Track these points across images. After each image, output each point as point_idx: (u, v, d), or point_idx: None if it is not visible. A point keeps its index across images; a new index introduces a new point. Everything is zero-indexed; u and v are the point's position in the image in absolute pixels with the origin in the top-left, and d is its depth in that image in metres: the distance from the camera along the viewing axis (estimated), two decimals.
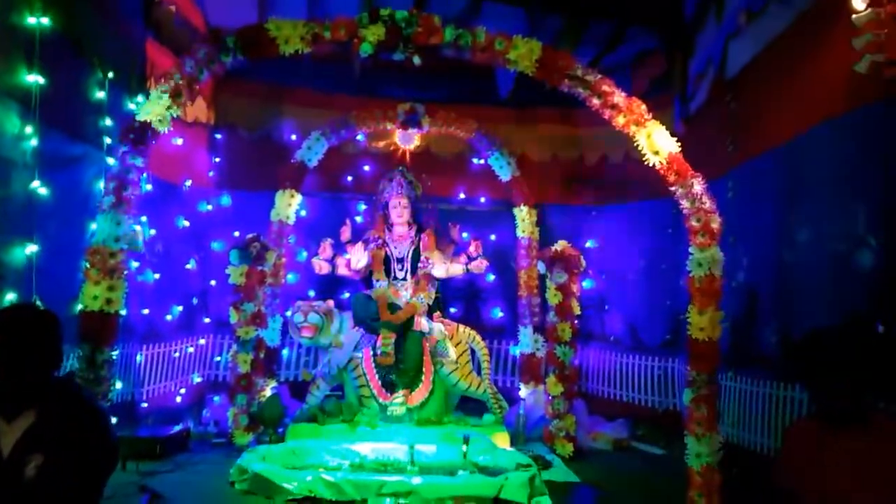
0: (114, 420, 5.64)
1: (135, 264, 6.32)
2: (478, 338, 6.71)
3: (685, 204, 4.75)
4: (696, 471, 4.61)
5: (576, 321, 6.31)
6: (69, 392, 2.72)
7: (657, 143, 4.82)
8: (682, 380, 6.70)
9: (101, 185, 5.17)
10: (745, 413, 5.45)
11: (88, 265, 4.60)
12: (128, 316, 6.19)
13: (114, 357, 4.72)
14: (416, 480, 4.70)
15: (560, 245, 6.36)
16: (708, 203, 4.69)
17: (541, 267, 6.46)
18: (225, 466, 5.17)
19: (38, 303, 4.60)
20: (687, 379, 4.70)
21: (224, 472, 5.09)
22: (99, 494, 2.90)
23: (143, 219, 6.31)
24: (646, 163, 4.88)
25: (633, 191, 7.45)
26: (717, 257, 4.66)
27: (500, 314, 7.98)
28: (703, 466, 4.58)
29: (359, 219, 7.64)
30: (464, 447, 5.15)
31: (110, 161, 5.30)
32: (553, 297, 6.30)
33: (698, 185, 4.73)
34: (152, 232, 6.57)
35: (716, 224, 4.67)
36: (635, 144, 4.91)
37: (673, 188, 4.80)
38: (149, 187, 6.46)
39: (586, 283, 7.46)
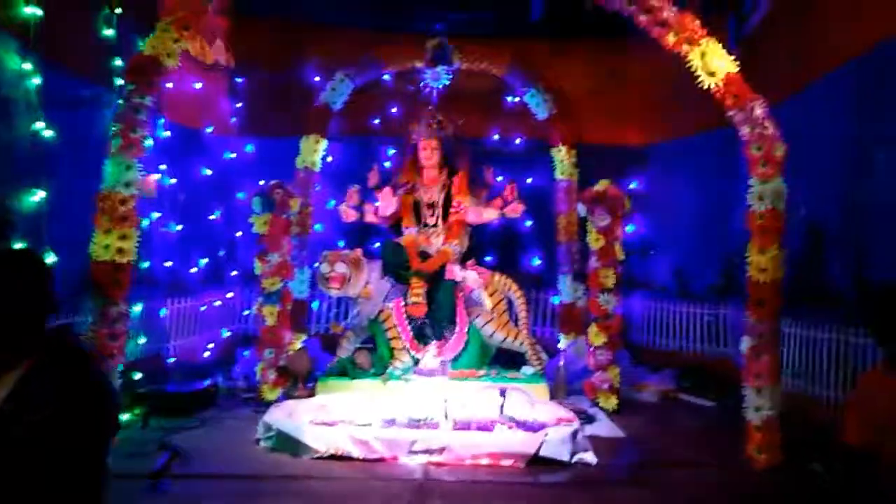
0: (138, 376, 5.49)
1: (156, 215, 6.09)
2: (514, 286, 6.33)
3: (745, 130, 4.26)
4: (755, 425, 4.22)
5: (619, 267, 5.88)
6: (64, 345, 2.46)
7: (712, 62, 4.31)
8: (733, 327, 6.27)
9: None
10: (807, 362, 5.00)
11: (98, 212, 4.32)
12: (151, 268, 6.00)
13: (130, 311, 4.48)
14: (450, 436, 4.41)
15: (602, 185, 5.90)
16: (770, 128, 4.18)
17: (581, 210, 6.01)
18: (252, 422, 4.95)
19: (50, 252, 4.38)
20: (745, 325, 4.27)
21: (251, 429, 4.88)
22: (98, 458, 2.65)
23: (163, 167, 6.06)
24: (700, 85, 4.37)
25: (681, 125, 6.89)
26: (780, 189, 4.18)
27: (538, 262, 7.58)
28: (763, 420, 4.19)
29: (387, 164, 7.27)
30: (501, 401, 4.83)
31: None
32: (595, 242, 5.87)
33: (759, 109, 4.22)
34: (173, 181, 6.31)
35: (780, 152, 4.17)
36: (686, 69, 4.40)
37: (731, 113, 4.29)
38: (167, 133, 6.18)
39: (629, 228, 6.97)
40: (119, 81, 5.20)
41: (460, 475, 4.17)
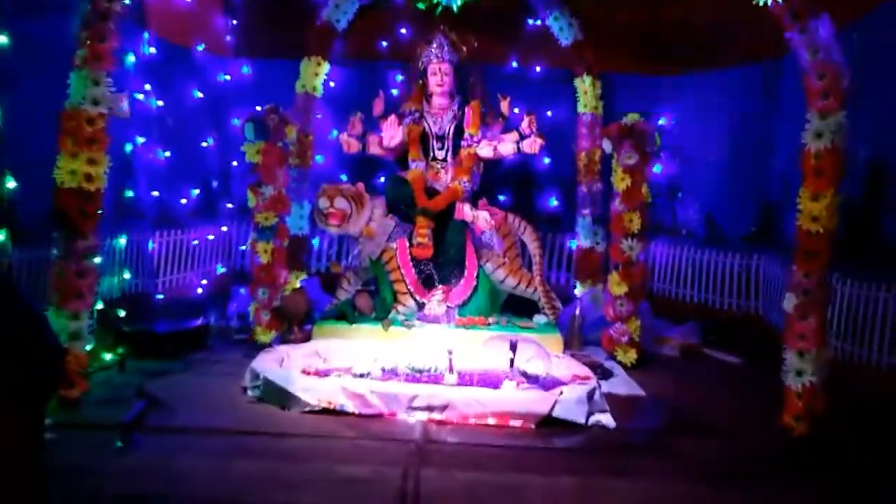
0: (122, 314, 5.09)
1: (140, 140, 5.58)
2: (529, 228, 5.83)
3: (806, 56, 3.65)
4: (796, 392, 3.76)
5: (646, 211, 5.36)
6: None
7: None
8: (766, 280, 5.78)
9: None
10: (857, 323, 4.50)
11: (63, 133, 3.82)
12: (136, 198, 5.55)
13: (102, 244, 4.04)
14: (453, 392, 4.00)
15: (630, 119, 5.32)
16: (836, 53, 3.58)
17: (606, 146, 5.45)
18: (242, 367, 4.55)
19: (9, 178, 3.89)
20: (790, 280, 3.77)
21: (240, 375, 4.49)
22: (35, 415, 2.26)
23: (147, 87, 5.52)
24: (743, 9, 3.74)
25: (718, 56, 6.23)
26: (842, 125, 3.61)
27: (556, 202, 7.05)
28: (805, 387, 3.73)
29: (395, 91, 6.66)
30: (511, 354, 4.40)
31: None
32: (620, 182, 5.33)
33: (824, 29, 3.61)
34: (159, 103, 5.78)
35: (844, 82, 3.58)
36: None
37: (789, 35, 3.68)
38: (152, 50, 5.64)
39: (656, 168, 6.40)
40: None
41: (463, 436, 3.76)
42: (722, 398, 4.71)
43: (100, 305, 4.69)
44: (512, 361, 4.42)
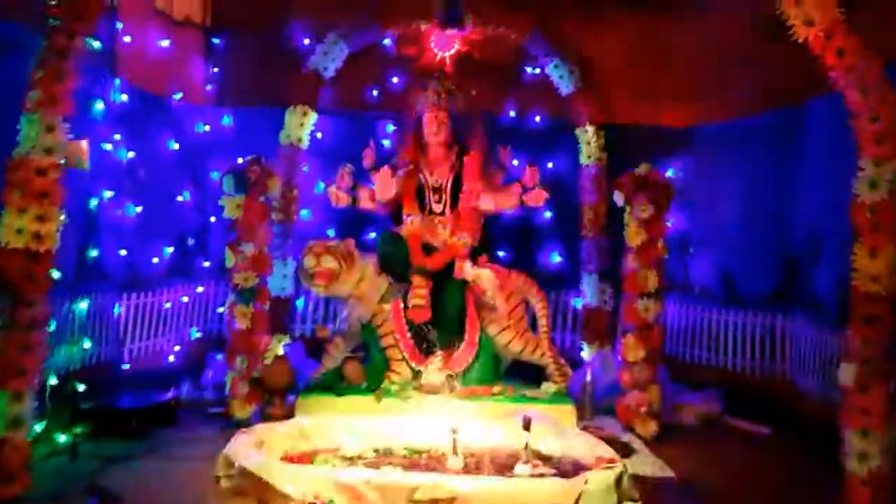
0: (80, 388, 4.49)
1: (108, 194, 5.09)
2: (534, 288, 5.35)
3: (855, 96, 3.27)
4: (861, 478, 3.25)
5: (662, 267, 4.93)
6: None
7: (812, 7, 3.31)
8: (795, 341, 5.32)
9: None
10: None
11: (8, 185, 3.32)
12: (102, 258, 5.02)
13: (51, 313, 3.50)
14: (461, 482, 3.43)
15: (644, 169, 4.94)
16: (892, 94, 3.20)
17: (618, 198, 5.04)
18: (216, 447, 3.92)
19: None
20: (848, 348, 3.30)
21: (213, 457, 3.86)
22: None
23: (117, 136, 5.06)
24: (754, 57, 3.42)
25: (731, 104, 5.90)
26: None
27: (559, 259, 6.59)
28: (871, 472, 3.22)
29: (386, 142, 6.26)
30: (525, 435, 3.85)
31: None
32: (634, 237, 4.91)
33: (876, 68, 3.24)
34: (130, 154, 5.30)
35: None
36: (740, 37, 3.42)
37: (835, 74, 3.31)
38: (123, 97, 5.18)
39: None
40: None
41: None
42: (762, 480, 4.18)
43: (54, 380, 4.14)
44: (527, 443, 3.87)
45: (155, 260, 5.72)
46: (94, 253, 4.83)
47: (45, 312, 3.38)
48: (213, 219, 6.18)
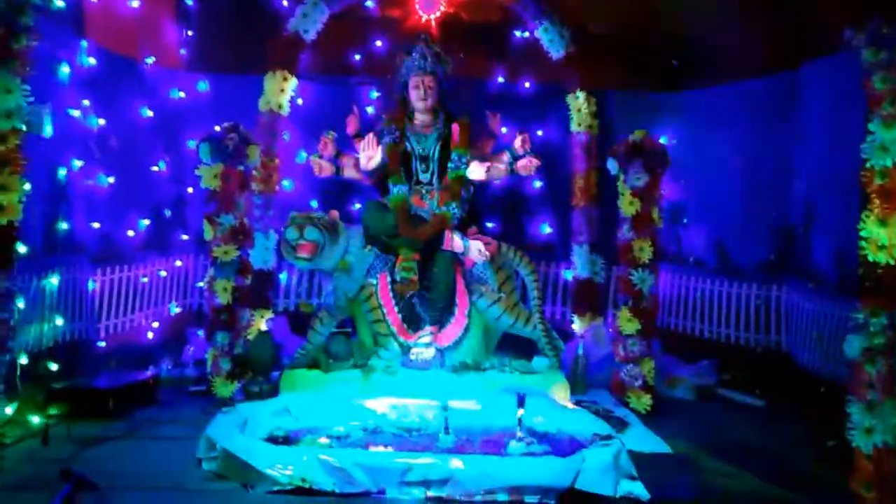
0: (54, 367, 4.29)
1: (78, 163, 4.83)
2: (525, 259, 5.19)
3: (866, 56, 3.10)
4: (865, 453, 3.15)
5: (657, 237, 4.79)
6: None
7: None
8: (788, 312, 5.22)
9: None
10: None
11: None
12: (73, 231, 4.78)
13: (15, 289, 3.29)
14: (455, 463, 3.30)
15: (639, 135, 4.76)
16: None
17: (611, 166, 4.87)
18: (197, 429, 3.79)
19: None
20: (855, 321, 3.18)
21: (194, 438, 3.72)
22: None
23: (85, 102, 4.78)
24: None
25: (726, 69, 5.73)
26: None
27: (549, 230, 6.44)
28: (877, 448, 3.12)
29: (370, 109, 6.02)
30: (519, 411, 3.72)
31: None
32: (628, 206, 4.75)
33: (886, 27, 3.07)
34: (100, 121, 5.04)
35: None
36: None
37: (847, 32, 3.14)
38: (91, 61, 4.90)
39: None
40: None
41: None
42: (760, 453, 4.09)
43: (24, 360, 3.94)
44: (520, 420, 3.75)
45: (130, 233, 5.49)
46: (64, 225, 4.60)
47: (8, 288, 3.16)
48: (190, 189, 5.94)
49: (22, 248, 3.57)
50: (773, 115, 5.37)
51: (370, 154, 4.98)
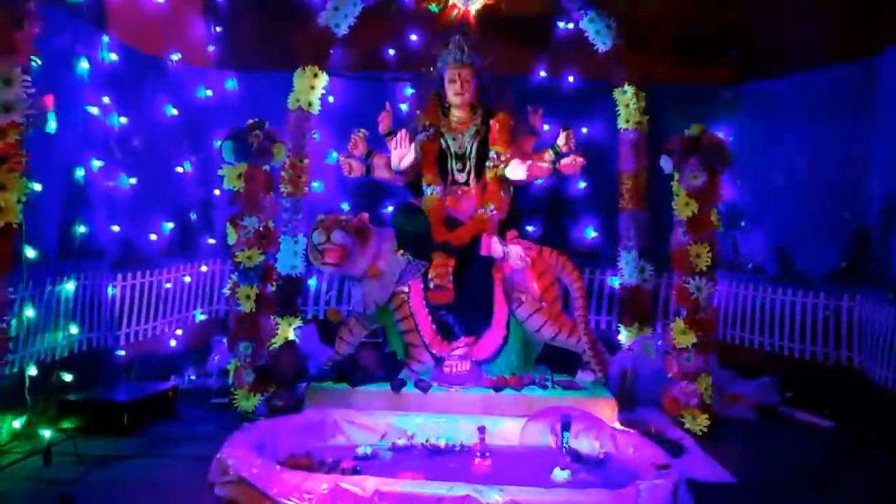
0: (69, 378, 4.06)
1: (98, 163, 4.62)
2: (569, 266, 4.82)
3: None
4: None
5: (716, 243, 4.37)
6: None
7: None
8: (866, 325, 4.73)
9: None
10: None
11: None
12: (92, 235, 4.56)
13: (17, 296, 3.04)
14: (492, 496, 2.92)
15: (696, 129, 4.35)
16: None
17: (665, 164, 4.46)
18: (216, 445, 3.48)
19: None
20: None
21: (211, 457, 3.41)
22: None
23: (106, 99, 4.57)
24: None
25: (788, 60, 5.26)
26: None
27: (594, 234, 6.04)
28: None
29: (404, 107, 5.72)
30: (559, 438, 3.36)
31: None
32: (684, 208, 4.34)
33: None
34: (122, 120, 4.83)
35: None
36: None
37: None
38: (113, 57, 4.69)
39: None
40: None
41: None
42: (827, 481, 3.63)
43: (33, 370, 3.71)
44: (565, 445, 3.37)
45: (153, 236, 5.28)
46: (82, 229, 4.38)
47: (4, 297, 2.91)
48: (217, 192, 5.71)
49: (31, 253, 3.35)
50: (845, 107, 4.91)
51: (402, 152, 4.69)
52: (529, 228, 5.88)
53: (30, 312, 3.35)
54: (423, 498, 2.92)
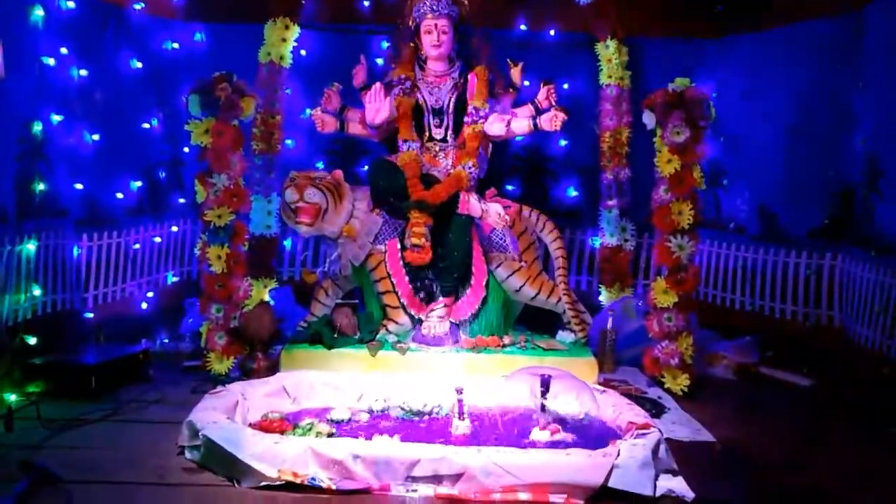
0: (33, 341, 3.92)
1: (57, 118, 4.40)
2: (550, 225, 4.73)
3: None
4: None
5: (698, 200, 4.28)
6: None
7: None
8: (847, 283, 4.70)
9: None
10: None
11: None
12: (53, 193, 4.37)
13: None
14: (469, 455, 2.86)
15: (680, 83, 4.22)
16: None
17: (648, 120, 4.34)
18: (187, 409, 3.38)
19: None
20: None
21: (182, 421, 3.31)
22: None
23: (63, 50, 4.34)
24: None
25: (778, 10, 5.13)
26: None
27: (575, 193, 5.93)
28: None
29: (379, 61, 5.50)
30: (540, 398, 3.29)
31: None
32: (666, 165, 4.24)
33: None
34: (82, 72, 4.59)
35: None
36: None
37: None
38: (70, 4, 4.44)
39: None
40: None
41: None
42: (813, 442, 3.62)
43: None
44: (543, 405, 3.31)
45: (119, 195, 5.06)
46: (41, 186, 4.18)
47: None
48: (186, 150, 5.49)
49: None
50: (830, 62, 4.79)
51: (377, 106, 4.53)
52: (509, 187, 5.75)
53: None
54: (399, 460, 2.85)
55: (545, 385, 3.31)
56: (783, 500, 2.97)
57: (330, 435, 3.23)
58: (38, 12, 4.11)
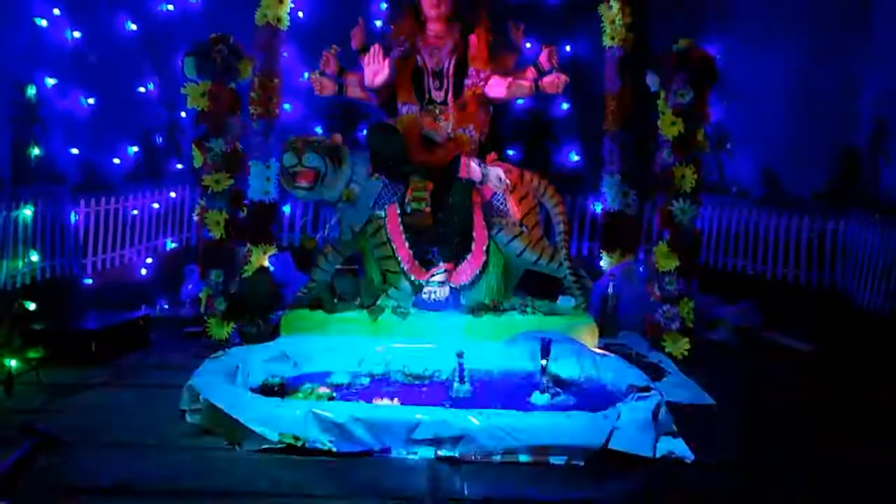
0: (31, 306, 3.89)
1: (51, 81, 4.33)
2: (551, 190, 4.67)
3: None
4: None
5: (701, 163, 4.24)
6: None
7: None
8: (851, 247, 4.67)
9: None
10: None
11: None
12: (50, 158, 4.32)
13: None
14: (470, 419, 2.86)
15: (683, 45, 4.14)
16: None
17: (651, 81, 4.28)
18: (188, 374, 3.37)
19: None
20: None
21: (183, 385, 3.31)
22: None
23: (56, 11, 4.25)
24: None
25: None
26: None
27: (577, 157, 5.86)
28: None
29: (378, 23, 5.42)
30: (543, 360, 3.28)
31: None
32: (669, 127, 4.19)
33: None
34: (76, 35, 4.51)
35: None
36: None
37: None
38: None
39: None
40: None
41: (488, 483, 2.65)
42: (815, 407, 3.62)
43: None
44: (544, 368, 3.31)
45: (116, 160, 5.02)
46: (36, 151, 4.13)
47: None
48: (183, 114, 5.43)
49: None
50: (836, 25, 4.70)
51: (376, 69, 4.45)
52: (510, 152, 5.70)
53: None
54: (400, 423, 2.85)
55: (546, 348, 3.29)
56: (779, 461, 2.97)
57: (331, 399, 3.23)
58: None
